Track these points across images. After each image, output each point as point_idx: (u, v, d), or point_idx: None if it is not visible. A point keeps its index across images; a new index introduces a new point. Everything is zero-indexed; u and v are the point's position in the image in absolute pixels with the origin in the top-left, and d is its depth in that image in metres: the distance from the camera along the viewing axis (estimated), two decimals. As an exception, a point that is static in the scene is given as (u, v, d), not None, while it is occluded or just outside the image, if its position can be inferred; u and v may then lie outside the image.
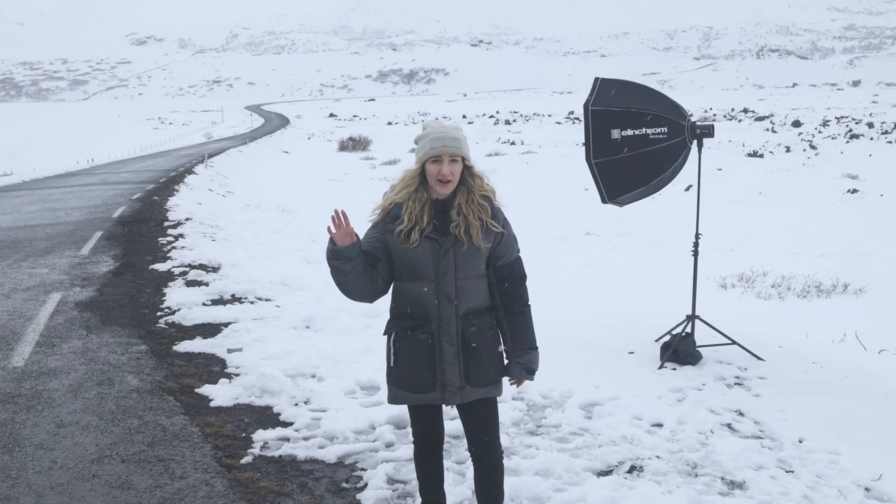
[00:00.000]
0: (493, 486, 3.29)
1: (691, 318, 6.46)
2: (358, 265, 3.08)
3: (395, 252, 3.13)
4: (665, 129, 6.21)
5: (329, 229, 3.06)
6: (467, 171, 3.13)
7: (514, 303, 3.20)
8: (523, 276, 3.24)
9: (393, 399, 3.28)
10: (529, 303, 3.26)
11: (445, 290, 3.10)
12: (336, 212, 3.04)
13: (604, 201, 6.47)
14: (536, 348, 3.25)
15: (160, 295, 8.65)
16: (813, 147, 34.38)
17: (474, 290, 3.15)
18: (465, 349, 3.15)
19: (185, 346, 6.70)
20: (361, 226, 3.34)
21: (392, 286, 3.25)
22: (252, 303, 8.42)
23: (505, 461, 4.25)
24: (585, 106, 6.28)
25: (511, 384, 3.28)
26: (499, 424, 3.33)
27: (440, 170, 3.05)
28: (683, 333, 6.37)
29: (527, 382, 3.30)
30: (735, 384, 5.82)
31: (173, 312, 7.86)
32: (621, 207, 6.89)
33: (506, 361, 3.27)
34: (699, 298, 6.83)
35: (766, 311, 9.00)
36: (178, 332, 7.20)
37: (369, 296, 3.20)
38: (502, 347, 3.27)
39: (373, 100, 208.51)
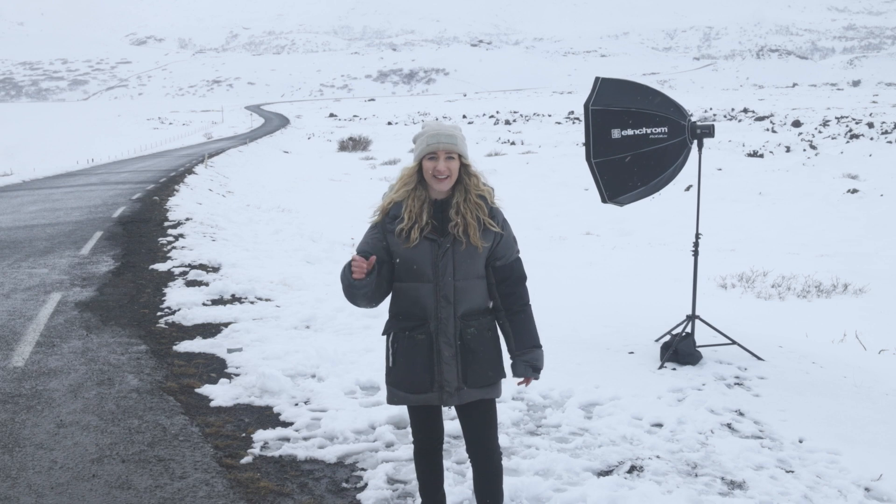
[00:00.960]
0: (491, 486, 3.29)
1: (691, 318, 6.46)
2: (372, 283, 3.08)
3: (394, 252, 3.14)
4: (665, 129, 6.21)
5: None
6: (464, 169, 3.13)
7: (514, 303, 3.20)
8: (523, 277, 3.24)
9: (392, 399, 3.28)
10: (529, 301, 3.26)
11: (444, 290, 3.10)
12: (354, 260, 3.02)
13: (604, 201, 6.47)
14: (541, 346, 3.25)
15: (160, 295, 8.65)
16: (813, 147, 34.39)
17: (473, 291, 3.16)
18: (463, 350, 3.14)
19: (185, 346, 6.70)
20: (361, 226, 3.34)
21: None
22: (252, 303, 8.42)
23: (505, 461, 4.26)
24: (586, 106, 6.28)
25: (518, 384, 3.27)
26: (497, 425, 3.32)
27: (436, 166, 3.06)
28: (683, 333, 6.37)
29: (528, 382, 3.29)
30: (735, 384, 5.81)
31: (173, 312, 7.86)
32: (621, 207, 6.89)
33: (508, 362, 3.27)
34: (699, 298, 6.83)
35: (766, 311, 9.00)
36: (178, 332, 7.19)
37: (376, 302, 3.21)
38: (502, 348, 3.27)
39: (373, 100, 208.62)
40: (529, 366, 3.21)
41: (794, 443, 4.72)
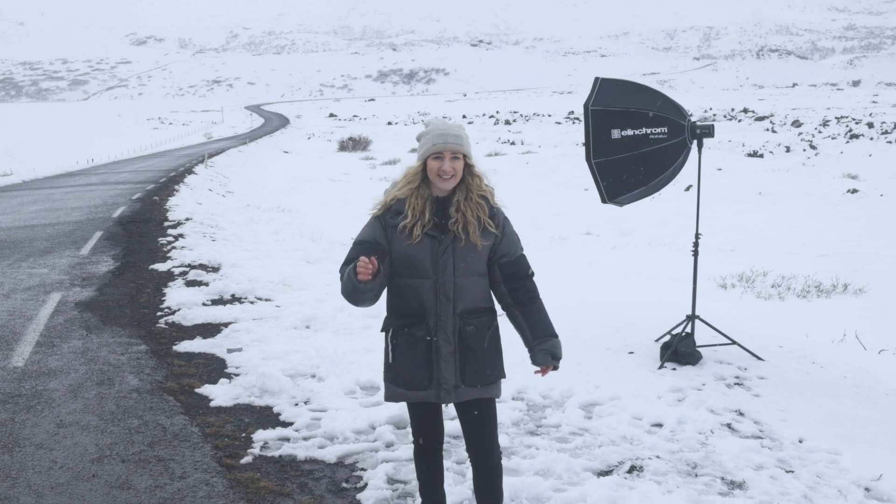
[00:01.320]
0: (491, 486, 3.29)
1: (691, 318, 6.46)
2: (377, 285, 3.06)
3: (393, 248, 3.14)
4: (665, 129, 6.22)
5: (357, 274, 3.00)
6: (468, 169, 3.15)
7: (524, 295, 3.21)
8: (530, 273, 3.25)
9: (390, 396, 3.28)
10: (540, 297, 3.26)
11: (444, 287, 3.11)
12: (361, 262, 2.97)
13: (604, 201, 6.47)
14: (557, 336, 3.22)
15: (160, 295, 8.65)
16: (813, 147, 34.38)
17: (473, 289, 3.16)
18: (462, 348, 3.15)
19: (185, 346, 6.70)
20: (361, 226, 3.34)
21: (389, 283, 3.25)
22: (252, 303, 8.42)
23: (505, 461, 4.26)
24: (585, 106, 6.28)
25: (536, 373, 3.23)
26: (497, 425, 3.32)
27: (441, 166, 3.07)
28: (683, 333, 6.37)
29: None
30: (735, 384, 5.82)
31: (173, 312, 7.86)
32: (621, 207, 6.89)
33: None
34: (699, 298, 6.83)
35: (766, 311, 9.00)
36: (178, 332, 7.19)
37: (377, 299, 3.19)
38: (503, 349, 3.27)
39: (373, 100, 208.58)
40: (549, 353, 3.17)
41: (794, 443, 4.72)
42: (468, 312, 3.15)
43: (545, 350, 3.18)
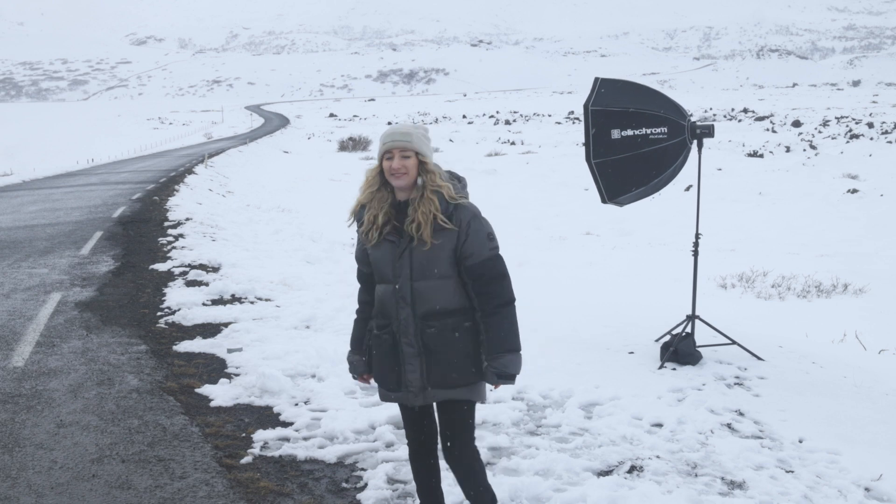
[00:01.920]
0: (472, 486, 3.27)
1: (691, 318, 6.46)
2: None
3: (369, 255, 3.20)
4: (665, 129, 6.22)
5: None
6: (422, 167, 3.12)
7: (487, 303, 3.10)
8: (498, 276, 3.10)
9: (380, 396, 3.35)
10: (509, 302, 3.12)
11: (401, 291, 3.11)
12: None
13: (604, 201, 6.47)
14: (515, 350, 3.10)
15: (160, 295, 8.65)
16: (813, 147, 34.41)
17: (434, 292, 3.08)
18: (426, 350, 3.12)
19: (185, 346, 6.70)
20: (355, 227, 3.37)
21: None
22: (252, 303, 8.42)
23: (505, 461, 4.28)
24: (585, 106, 6.28)
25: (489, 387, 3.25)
26: (471, 429, 3.23)
27: (392, 164, 3.09)
28: (683, 333, 6.37)
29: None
30: (735, 384, 5.82)
31: (173, 312, 7.86)
32: (621, 207, 6.89)
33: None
34: (699, 298, 6.83)
35: (766, 311, 9.00)
36: (178, 332, 7.19)
37: None
38: (478, 350, 3.17)
39: (373, 100, 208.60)
40: (496, 374, 3.09)
41: (794, 443, 4.72)
42: (430, 315, 3.09)
43: (494, 370, 3.09)
